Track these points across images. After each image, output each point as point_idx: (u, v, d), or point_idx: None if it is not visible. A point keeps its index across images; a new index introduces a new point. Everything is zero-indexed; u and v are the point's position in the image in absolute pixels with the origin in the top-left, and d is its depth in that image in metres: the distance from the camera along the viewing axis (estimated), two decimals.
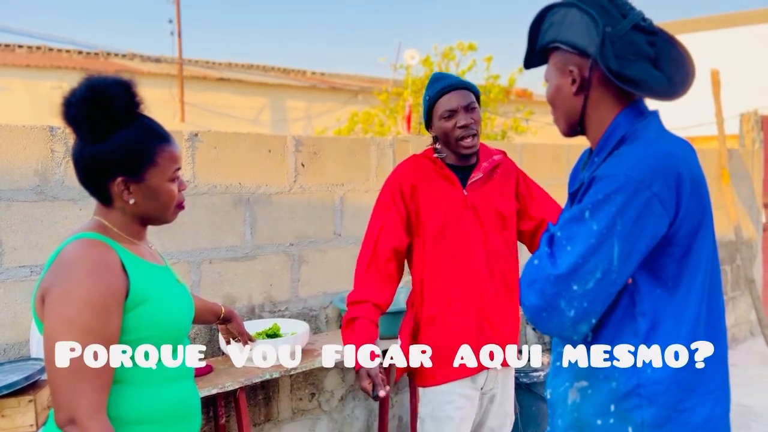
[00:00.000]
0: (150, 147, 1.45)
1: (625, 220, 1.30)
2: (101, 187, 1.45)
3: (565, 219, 1.39)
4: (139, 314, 1.41)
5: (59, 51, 14.09)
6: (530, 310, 1.40)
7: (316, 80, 16.49)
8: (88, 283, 1.34)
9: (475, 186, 2.34)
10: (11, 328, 2.51)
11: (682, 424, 1.37)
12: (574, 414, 1.46)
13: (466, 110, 2.27)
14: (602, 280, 1.32)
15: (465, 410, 2.33)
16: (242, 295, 3.14)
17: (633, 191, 1.30)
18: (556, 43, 1.47)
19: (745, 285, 6.04)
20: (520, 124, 12.21)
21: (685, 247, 1.37)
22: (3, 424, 2.00)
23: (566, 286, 1.33)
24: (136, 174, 1.44)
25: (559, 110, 1.51)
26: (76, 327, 1.32)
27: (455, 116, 2.26)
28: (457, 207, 2.31)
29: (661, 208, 1.32)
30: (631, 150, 1.37)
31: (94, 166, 1.42)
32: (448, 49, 12.21)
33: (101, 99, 1.39)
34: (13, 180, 2.51)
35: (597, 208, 1.32)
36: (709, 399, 1.40)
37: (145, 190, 1.46)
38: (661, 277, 1.38)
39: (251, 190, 3.15)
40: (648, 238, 1.33)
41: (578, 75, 1.44)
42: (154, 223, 1.54)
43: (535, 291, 1.38)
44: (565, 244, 1.36)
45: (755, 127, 6.54)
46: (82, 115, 1.39)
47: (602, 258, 1.31)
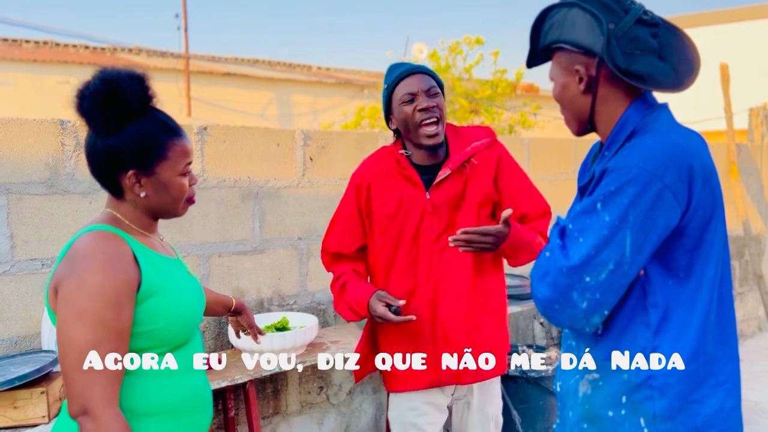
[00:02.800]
0: (161, 141, 1.45)
1: (638, 212, 1.31)
2: (112, 180, 1.46)
3: (577, 211, 1.39)
4: (150, 306, 1.41)
5: (66, 46, 14.11)
6: (542, 302, 1.40)
7: (323, 75, 16.48)
8: (102, 274, 1.34)
9: (441, 187, 2.14)
10: (23, 320, 2.53)
11: (692, 414, 1.38)
12: (585, 406, 1.46)
13: (427, 94, 2.10)
14: (615, 272, 1.32)
15: (430, 416, 2.24)
16: (251, 289, 3.15)
17: (645, 183, 1.31)
18: (560, 44, 1.46)
19: (753, 280, 6.02)
20: (528, 119, 12.18)
21: (697, 238, 1.37)
22: (15, 415, 2.02)
23: (579, 277, 1.33)
24: (147, 167, 1.44)
25: (568, 110, 1.51)
26: (88, 318, 1.32)
27: (415, 99, 2.09)
28: (415, 212, 2.14)
29: (673, 199, 1.32)
30: (643, 142, 1.37)
31: (106, 159, 1.43)
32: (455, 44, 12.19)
33: (115, 92, 1.40)
34: (24, 173, 2.52)
35: (609, 199, 1.32)
36: (720, 390, 1.40)
37: (155, 183, 1.46)
38: (672, 268, 1.38)
39: (260, 184, 3.16)
40: (660, 229, 1.33)
41: (585, 74, 1.44)
42: (165, 216, 1.54)
43: (547, 283, 1.38)
44: (577, 236, 1.36)
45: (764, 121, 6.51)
46: (96, 107, 1.40)
47: (615, 249, 1.32)
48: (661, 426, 1.38)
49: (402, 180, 2.17)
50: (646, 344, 1.39)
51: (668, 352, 1.38)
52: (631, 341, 1.41)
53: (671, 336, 1.38)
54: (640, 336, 1.39)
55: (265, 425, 3.19)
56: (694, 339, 1.38)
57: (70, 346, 1.33)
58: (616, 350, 1.42)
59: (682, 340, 1.38)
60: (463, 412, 2.31)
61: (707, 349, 1.39)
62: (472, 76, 12.47)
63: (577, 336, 1.52)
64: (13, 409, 2.02)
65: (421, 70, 2.15)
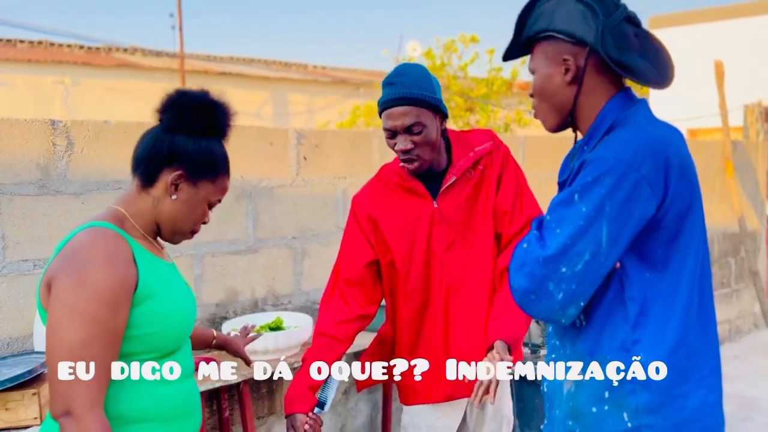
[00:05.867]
0: (218, 166, 1.53)
1: (614, 202, 1.31)
2: (155, 170, 1.46)
3: (555, 203, 1.40)
4: (146, 309, 1.38)
5: (60, 46, 14.07)
6: (519, 293, 1.40)
7: (318, 74, 16.46)
8: (100, 272, 1.31)
9: (448, 195, 2.07)
10: (14, 321, 2.51)
11: (677, 409, 1.38)
12: (570, 403, 1.46)
13: (407, 132, 1.94)
14: (591, 262, 1.32)
15: (447, 418, 2.21)
16: (245, 289, 3.14)
17: (622, 173, 1.31)
18: (549, 32, 1.45)
19: (749, 277, 6.03)
20: (523, 117, 12.19)
21: (674, 230, 1.38)
22: (7, 417, 2.01)
23: (555, 268, 1.33)
24: (196, 177, 1.48)
25: (548, 101, 1.50)
26: (83, 317, 1.29)
27: (395, 137, 1.98)
28: (423, 223, 2.07)
29: (649, 190, 1.32)
30: (621, 135, 1.38)
31: (168, 149, 1.45)
32: (450, 42, 12.19)
33: (213, 107, 1.50)
34: (15, 174, 2.51)
35: (586, 190, 1.33)
36: (703, 385, 1.40)
37: (190, 195, 1.48)
38: (649, 260, 1.38)
39: (253, 183, 3.15)
40: (636, 220, 1.33)
41: (573, 64, 1.44)
42: (167, 231, 1.51)
43: (524, 273, 1.38)
44: (554, 227, 1.36)
45: (759, 118, 6.52)
46: (191, 107, 1.46)
47: (591, 240, 1.32)
48: (644, 419, 1.37)
49: (405, 194, 2.09)
50: (626, 338, 1.39)
51: (649, 346, 1.37)
52: (611, 335, 1.40)
53: (651, 329, 1.38)
54: (619, 330, 1.39)
55: (260, 425, 3.18)
56: (676, 332, 1.38)
57: (59, 343, 1.29)
58: (596, 345, 1.41)
59: (663, 333, 1.38)
60: (477, 413, 2.27)
61: (689, 342, 1.39)
62: (467, 74, 12.46)
63: (561, 334, 1.52)
64: (4, 411, 2.01)
65: (403, 101, 1.94)
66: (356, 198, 2.18)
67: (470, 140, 2.13)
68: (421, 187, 2.07)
